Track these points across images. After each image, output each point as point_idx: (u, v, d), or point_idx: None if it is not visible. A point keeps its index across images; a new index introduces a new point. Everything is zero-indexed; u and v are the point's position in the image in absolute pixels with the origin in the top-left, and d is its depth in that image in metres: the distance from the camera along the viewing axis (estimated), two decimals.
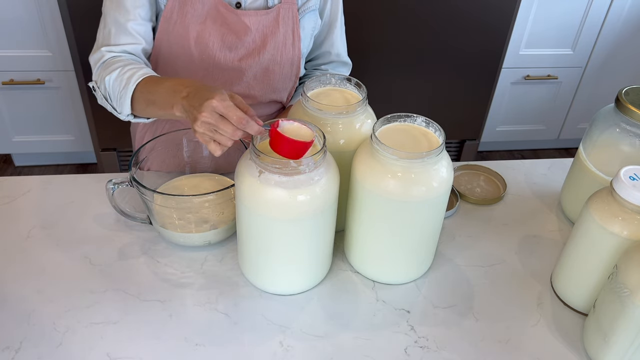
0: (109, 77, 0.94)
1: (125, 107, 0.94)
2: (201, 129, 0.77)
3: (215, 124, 0.75)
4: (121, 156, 2.14)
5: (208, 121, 0.76)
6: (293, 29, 1.09)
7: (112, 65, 0.95)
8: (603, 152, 0.94)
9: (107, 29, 1.00)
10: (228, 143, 0.77)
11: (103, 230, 0.95)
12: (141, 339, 0.77)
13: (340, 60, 1.22)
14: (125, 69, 0.94)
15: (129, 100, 0.93)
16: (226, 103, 0.75)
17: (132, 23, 0.99)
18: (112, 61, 0.97)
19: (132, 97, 0.93)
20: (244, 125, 0.75)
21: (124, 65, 0.95)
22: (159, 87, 0.89)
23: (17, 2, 1.84)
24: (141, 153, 0.94)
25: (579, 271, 0.82)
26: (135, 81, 0.91)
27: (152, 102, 0.90)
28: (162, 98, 0.87)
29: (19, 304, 0.81)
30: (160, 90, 0.88)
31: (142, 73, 0.92)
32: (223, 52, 1.06)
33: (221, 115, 0.75)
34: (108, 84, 0.95)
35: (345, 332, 0.80)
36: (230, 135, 0.76)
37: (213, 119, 0.75)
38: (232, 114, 0.75)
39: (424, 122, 0.83)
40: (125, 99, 0.93)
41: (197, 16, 1.04)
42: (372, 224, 0.83)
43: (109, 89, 0.95)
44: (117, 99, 0.95)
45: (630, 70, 2.33)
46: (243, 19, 1.05)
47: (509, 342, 0.80)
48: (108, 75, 0.94)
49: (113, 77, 0.94)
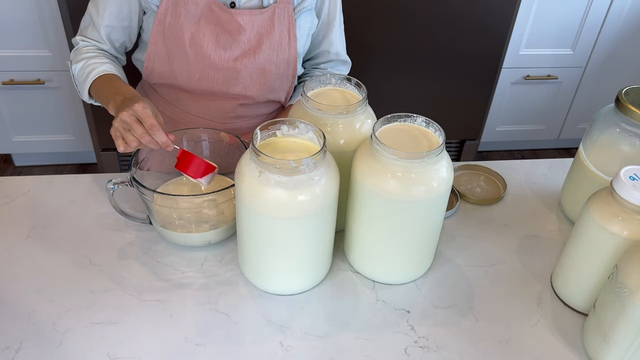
0: (76, 66, 1.06)
1: (84, 95, 1.06)
2: (117, 124, 0.86)
3: (130, 123, 0.85)
4: (121, 156, 2.14)
5: (125, 119, 0.85)
6: (289, 28, 1.08)
7: (81, 55, 1.07)
8: (603, 152, 0.94)
9: (85, 21, 1.11)
10: (133, 144, 0.85)
11: (103, 230, 0.95)
12: (141, 339, 0.77)
13: (339, 59, 1.22)
14: (89, 62, 1.05)
15: (86, 91, 1.04)
16: (146, 111, 0.85)
17: (102, 25, 1.07)
18: (83, 50, 1.08)
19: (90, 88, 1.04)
20: (154, 132, 0.85)
21: (88, 59, 1.05)
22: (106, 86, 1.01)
23: (17, 2, 1.84)
24: (141, 153, 0.94)
25: (579, 271, 0.82)
26: (93, 77, 1.03)
27: (99, 96, 1.02)
28: (104, 97, 0.98)
29: (19, 304, 0.81)
30: (105, 89, 1.00)
31: (99, 71, 1.03)
32: (218, 52, 1.06)
33: (138, 119, 0.85)
34: (75, 71, 1.07)
35: (345, 332, 0.80)
36: (139, 135, 0.84)
37: (130, 119, 0.85)
38: (148, 120, 0.85)
39: (424, 122, 0.83)
40: (84, 88, 1.04)
41: (190, 17, 1.04)
42: (372, 224, 0.83)
43: (75, 75, 1.07)
44: (80, 85, 1.06)
45: (630, 70, 2.33)
46: (237, 18, 1.05)
47: (509, 342, 0.80)
48: (76, 64, 1.06)
49: (79, 67, 1.05)
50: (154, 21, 1.06)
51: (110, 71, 1.04)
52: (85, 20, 1.10)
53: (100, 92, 1.01)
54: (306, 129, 0.81)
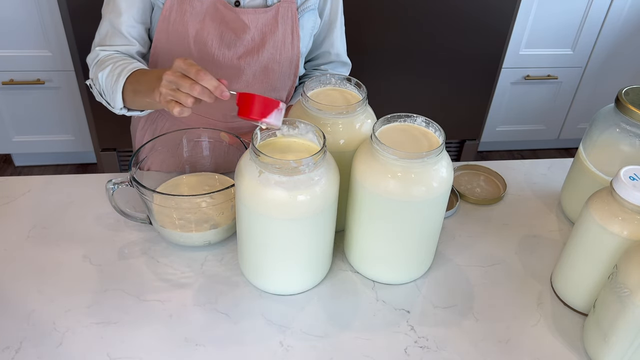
0: (102, 73, 0.99)
1: (118, 101, 0.98)
2: (165, 89, 0.79)
3: (176, 80, 0.78)
4: (121, 156, 2.14)
5: (170, 78, 0.78)
6: (292, 27, 1.09)
7: (105, 63, 1.00)
8: (603, 152, 0.94)
9: (104, 30, 1.04)
10: (188, 101, 0.78)
11: (103, 230, 0.95)
12: (141, 339, 0.77)
13: (339, 60, 1.22)
14: (117, 64, 0.98)
15: (120, 94, 0.96)
16: (188, 61, 0.78)
17: (126, 26, 1.03)
18: (105, 59, 1.01)
19: (123, 90, 0.96)
20: (202, 77, 0.77)
21: (115, 62, 0.99)
22: (145, 76, 0.92)
23: (17, 2, 1.84)
24: (141, 153, 0.94)
25: (579, 271, 0.82)
26: (126, 74, 0.95)
27: (138, 91, 0.93)
28: (147, 86, 0.89)
29: (19, 304, 0.81)
30: (146, 79, 0.91)
31: (132, 67, 0.96)
32: (222, 51, 1.06)
33: (183, 73, 0.78)
34: (101, 80, 0.99)
35: (345, 332, 0.80)
36: (188, 89, 0.77)
37: (175, 76, 0.78)
38: (192, 69, 0.77)
39: (424, 122, 0.83)
40: (116, 92, 0.96)
41: (195, 14, 1.04)
42: (372, 224, 0.83)
43: (102, 84, 0.99)
44: (109, 94, 0.99)
45: (630, 70, 2.33)
46: (241, 17, 1.05)
47: (509, 342, 0.80)
48: (101, 71, 0.99)
49: (106, 73, 0.98)
50: (159, 18, 1.06)
51: (142, 67, 0.99)
52: (100, 32, 1.05)
53: (137, 85, 0.93)
54: (306, 129, 0.81)
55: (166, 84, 0.79)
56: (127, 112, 1.02)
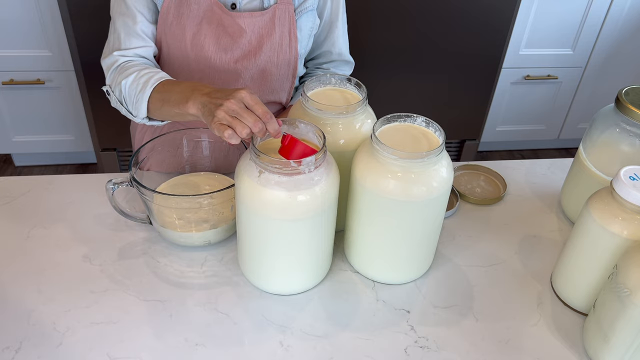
0: (125, 81, 0.96)
1: (142, 110, 0.96)
2: (222, 114, 0.77)
3: (239, 111, 0.77)
4: (121, 156, 2.14)
5: (233, 108, 0.77)
6: (289, 29, 1.08)
7: (128, 70, 0.97)
8: (603, 152, 0.94)
9: (117, 33, 1.01)
10: (244, 132, 0.76)
11: (103, 230, 0.95)
12: (141, 339, 0.77)
13: (342, 59, 1.22)
14: (142, 72, 0.96)
15: (145, 103, 0.94)
16: (254, 97, 0.78)
17: (140, 25, 1.01)
18: (127, 65, 0.99)
19: (149, 99, 0.94)
20: (267, 119, 0.77)
21: (140, 70, 0.96)
22: (177, 87, 0.90)
23: (17, 2, 1.84)
24: (141, 153, 0.94)
25: (579, 271, 0.82)
26: (153, 84, 0.93)
27: (167, 100, 0.90)
28: (179, 95, 0.87)
29: (19, 304, 0.81)
30: (177, 89, 0.89)
31: (160, 76, 0.95)
32: (219, 54, 1.06)
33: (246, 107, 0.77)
34: (124, 87, 0.96)
35: (345, 332, 0.80)
36: (251, 124, 0.76)
37: (239, 107, 0.77)
38: (259, 107, 0.77)
39: (424, 122, 0.83)
40: (142, 102, 0.94)
41: (192, 17, 1.04)
42: (372, 224, 0.83)
43: (124, 92, 0.97)
44: (132, 102, 0.96)
45: (630, 70, 2.33)
46: (237, 21, 1.05)
47: (509, 342, 0.80)
48: (124, 79, 0.96)
49: (130, 81, 0.95)
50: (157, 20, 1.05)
51: (169, 77, 0.96)
52: (115, 35, 1.02)
53: (167, 94, 0.91)
54: (306, 129, 0.81)
55: (227, 110, 0.77)
56: (147, 122, 0.99)
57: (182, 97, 0.86)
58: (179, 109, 0.86)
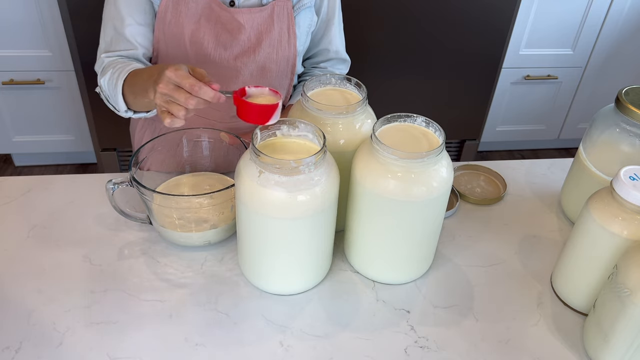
0: (104, 79, 1.00)
1: (120, 104, 0.98)
2: (159, 101, 0.79)
3: (169, 93, 0.77)
4: (121, 156, 2.14)
5: (163, 91, 0.77)
6: (288, 26, 1.09)
7: (107, 68, 1.01)
8: (603, 152, 0.94)
9: (107, 36, 1.04)
10: (180, 113, 0.77)
11: (103, 230, 0.95)
12: (141, 339, 0.77)
13: (339, 57, 1.22)
14: (116, 67, 0.99)
15: (120, 97, 0.97)
16: (179, 72, 0.77)
17: (129, 29, 1.03)
18: (108, 64, 1.02)
19: (123, 93, 0.96)
20: (196, 91, 0.76)
21: (115, 66, 1.00)
22: (138, 78, 0.92)
23: (17, 2, 1.84)
24: (141, 153, 0.94)
25: (579, 271, 0.82)
26: (123, 77, 0.95)
27: (136, 92, 0.93)
28: (140, 86, 0.89)
29: (19, 304, 0.81)
30: (139, 80, 0.91)
31: (128, 69, 0.96)
32: (218, 51, 1.07)
33: (176, 85, 0.77)
34: (104, 85, 1.00)
35: (345, 332, 0.80)
36: (183, 102, 0.76)
37: (168, 89, 0.77)
38: (185, 81, 0.77)
39: (424, 122, 0.83)
40: (117, 96, 0.97)
41: (191, 15, 1.04)
42: (372, 224, 0.83)
43: (105, 90, 1.00)
44: (113, 98, 0.99)
45: (630, 70, 2.33)
46: (236, 17, 1.05)
47: (509, 342, 0.80)
48: (103, 77, 1.00)
49: (107, 79, 0.99)
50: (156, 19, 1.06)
51: (139, 67, 0.99)
52: (105, 39, 1.05)
53: (133, 87, 0.93)
54: (306, 129, 0.81)
55: (160, 96, 0.79)
56: (133, 115, 1.01)
57: (142, 87, 0.87)
58: (146, 99, 0.87)
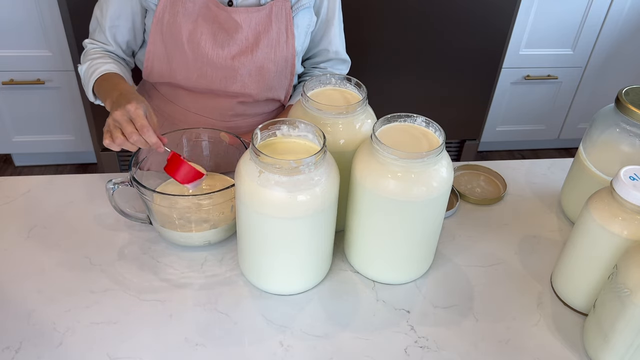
0: (82, 67, 1.09)
1: (90, 95, 1.08)
2: (109, 121, 0.87)
3: (121, 121, 0.85)
4: (121, 156, 2.14)
5: (117, 118, 0.86)
6: (286, 26, 1.09)
7: (88, 57, 1.09)
8: (603, 152, 0.94)
9: (93, 25, 1.12)
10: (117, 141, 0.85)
11: (103, 230, 0.95)
12: (141, 339, 0.77)
13: (339, 57, 1.22)
14: (94, 62, 1.07)
15: (91, 92, 1.07)
16: (138, 112, 0.86)
17: (109, 27, 1.09)
18: (90, 52, 1.10)
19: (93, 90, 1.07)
20: (144, 132, 0.85)
21: (93, 59, 1.08)
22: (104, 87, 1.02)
23: (17, 2, 1.84)
24: (141, 153, 0.94)
25: (579, 271, 0.82)
26: (95, 77, 1.05)
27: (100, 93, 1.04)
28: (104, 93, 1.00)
29: (19, 304, 0.81)
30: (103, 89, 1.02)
31: (101, 70, 1.05)
32: (215, 51, 1.07)
33: (129, 119, 0.86)
34: (81, 72, 1.09)
35: (345, 332, 0.80)
36: (127, 134, 0.84)
37: (121, 118, 0.86)
38: (139, 120, 0.85)
39: (424, 122, 0.83)
40: (89, 88, 1.07)
41: (188, 15, 1.04)
42: (372, 224, 0.83)
43: (82, 76, 1.10)
44: (85, 86, 1.09)
45: (630, 70, 2.33)
46: (234, 16, 1.05)
47: (509, 342, 0.80)
48: (82, 65, 1.09)
49: (84, 68, 1.08)
50: (152, 20, 1.06)
51: (112, 70, 1.06)
52: (92, 24, 1.12)
53: (100, 90, 1.03)
54: (306, 129, 0.81)
55: (112, 120, 0.87)
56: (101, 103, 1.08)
57: (104, 97, 0.99)
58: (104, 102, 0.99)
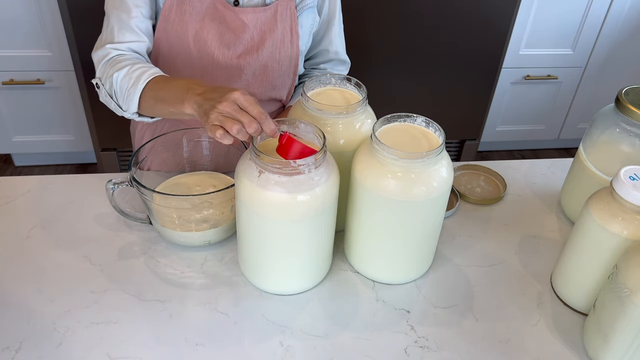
0: (117, 74, 0.94)
1: (133, 105, 0.94)
2: (214, 116, 0.75)
3: (233, 114, 0.75)
4: (121, 156, 2.14)
5: (227, 110, 0.75)
6: (291, 26, 1.09)
7: (120, 63, 0.95)
8: (603, 152, 0.94)
9: (110, 27, 1.00)
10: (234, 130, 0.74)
11: (103, 230, 0.95)
12: (141, 339, 0.77)
13: (338, 58, 1.23)
14: (135, 67, 0.94)
15: (137, 98, 0.93)
16: (249, 97, 0.76)
17: (135, 20, 1.00)
18: (119, 59, 0.97)
19: (141, 95, 0.93)
20: (262, 119, 0.75)
21: (132, 64, 0.95)
22: (170, 85, 0.89)
23: (17, 2, 1.84)
24: (141, 153, 0.94)
25: (579, 271, 0.82)
26: (146, 79, 0.92)
27: (162, 99, 0.89)
28: (173, 95, 0.86)
29: (19, 304, 0.81)
30: (171, 88, 0.88)
31: (153, 72, 0.93)
32: (221, 50, 1.07)
33: (241, 108, 0.76)
34: (115, 81, 0.94)
35: (345, 332, 0.80)
36: (246, 124, 0.74)
37: (232, 109, 0.75)
38: (253, 107, 0.76)
39: (424, 122, 0.83)
40: (133, 96, 0.93)
41: (195, 14, 1.04)
42: (372, 224, 0.83)
43: (115, 86, 0.95)
44: (123, 97, 0.95)
45: (630, 70, 2.33)
46: (240, 16, 1.05)
47: (509, 342, 0.80)
48: (116, 72, 0.94)
49: (121, 75, 0.94)
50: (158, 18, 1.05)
51: (162, 73, 0.95)
52: (109, 28, 1.00)
53: (161, 92, 0.90)
54: (306, 129, 0.81)
55: (220, 112, 0.76)
56: (137, 118, 0.98)
57: (176, 96, 0.84)
58: (174, 108, 0.85)
